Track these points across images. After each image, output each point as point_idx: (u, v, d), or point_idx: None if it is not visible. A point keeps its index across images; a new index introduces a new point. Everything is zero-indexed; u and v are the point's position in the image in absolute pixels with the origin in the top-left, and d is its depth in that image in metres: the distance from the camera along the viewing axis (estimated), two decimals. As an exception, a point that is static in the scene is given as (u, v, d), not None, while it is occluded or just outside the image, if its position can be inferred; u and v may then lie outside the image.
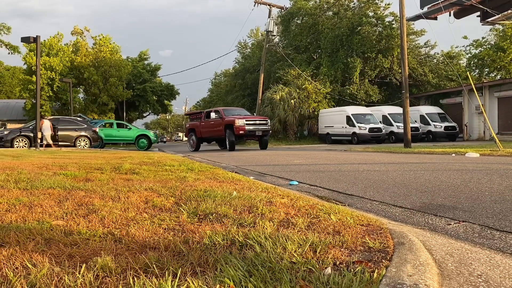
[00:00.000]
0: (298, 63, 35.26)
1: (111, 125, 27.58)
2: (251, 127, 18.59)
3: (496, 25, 30.87)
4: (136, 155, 11.23)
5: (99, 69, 42.10)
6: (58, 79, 38.66)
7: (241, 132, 18.21)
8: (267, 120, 19.84)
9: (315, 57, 37.74)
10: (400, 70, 28.75)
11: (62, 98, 40.09)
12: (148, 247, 1.78)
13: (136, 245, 1.81)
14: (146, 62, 51.47)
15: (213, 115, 19.85)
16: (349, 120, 27.28)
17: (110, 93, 41.94)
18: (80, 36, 45.09)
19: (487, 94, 26.68)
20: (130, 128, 27.01)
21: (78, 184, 4.12)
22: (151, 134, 26.95)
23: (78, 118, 26.11)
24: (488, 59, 34.33)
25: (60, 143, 21.96)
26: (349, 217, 2.36)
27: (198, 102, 76.28)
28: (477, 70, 36.47)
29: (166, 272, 1.44)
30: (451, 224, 2.78)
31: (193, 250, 1.68)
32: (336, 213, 2.53)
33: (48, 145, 20.69)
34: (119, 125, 27.63)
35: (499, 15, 25.56)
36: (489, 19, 25.96)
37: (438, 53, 35.35)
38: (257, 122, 19.17)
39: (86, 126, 23.68)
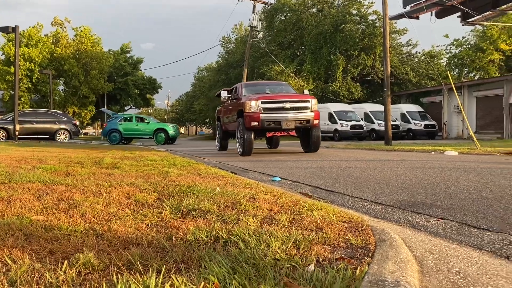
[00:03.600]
0: (282, 59, 35.32)
1: (130, 119, 26.86)
2: (272, 115, 9.99)
3: (476, 25, 31.43)
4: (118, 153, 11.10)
5: (80, 61, 41.42)
6: (38, 70, 37.91)
7: (253, 123, 9.92)
8: (307, 101, 10.42)
9: (298, 53, 37.87)
10: (382, 68, 29.06)
11: (41, 90, 39.33)
12: (131, 243, 1.77)
13: (119, 241, 1.79)
14: (128, 55, 50.83)
15: (226, 94, 12.21)
16: (331, 117, 27.50)
17: (91, 85, 41.32)
18: (61, 27, 44.25)
19: (466, 93, 27.21)
20: (148, 122, 26.37)
21: (58, 178, 4.06)
22: (169, 127, 25.88)
23: (56, 112, 25.62)
24: (467, 59, 35.03)
25: (39, 136, 21.54)
26: (331, 214, 2.38)
27: (180, 96, 75.80)
28: (457, 70, 37.19)
29: (150, 269, 1.43)
30: (430, 221, 2.84)
31: (177, 247, 1.67)
32: (318, 209, 2.56)
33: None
34: (138, 119, 26.96)
35: (479, 16, 26.01)
36: (469, 20, 26.41)
37: (419, 52, 35.91)
38: (286, 104, 10.09)
39: (66, 119, 23.28)
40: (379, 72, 32.29)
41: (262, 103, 9.95)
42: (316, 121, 10.28)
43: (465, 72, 37.09)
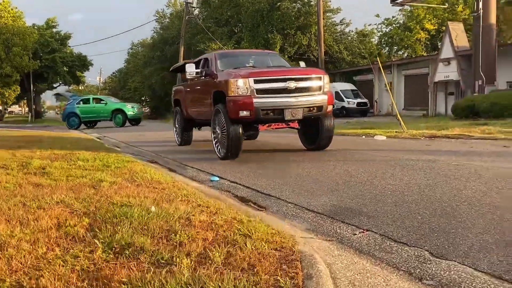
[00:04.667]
0: (219, 37, 34.82)
1: (87, 101, 25.04)
2: (270, 99, 6.82)
3: (405, 6, 32.81)
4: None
5: (0, 37, 38.16)
6: (-50, 47, 34.55)
7: (242, 113, 6.69)
8: (319, 78, 7.21)
9: (236, 31, 37.50)
10: (317, 47, 29.68)
11: (-44, 70, 36.00)
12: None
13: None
14: (54, 30, 47.54)
15: (193, 69, 8.21)
16: (338, 96, 27.94)
17: (13, 63, 38.38)
18: (-25, -1, 40.37)
19: (396, 72, 28.58)
20: (106, 103, 24.69)
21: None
22: (127, 108, 24.26)
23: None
24: (397, 38, 36.63)
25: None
26: (263, 242, 2.47)
27: (114, 73, 72.49)
28: (387, 48, 38.82)
29: None
30: (356, 234, 3.04)
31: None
32: (252, 234, 2.64)
33: None
34: (96, 100, 25.04)
35: (405, -2, 27.34)
36: (398, 1, 27.60)
37: (352, 31, 36.95)
38: (290, 84, 6.79)
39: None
40: (314, 51, 32.87)
41: (255, 82, 6.61)
42: (330, 107, 7.19)
43: (395, 50, 38.81)
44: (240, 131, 6.80)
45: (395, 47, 38.24)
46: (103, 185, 4.36)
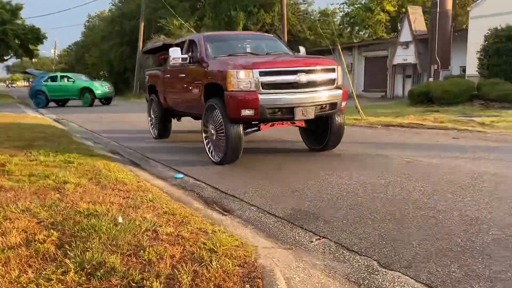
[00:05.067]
0: (181, 12, 34.03)
1: (55, 78, 23.80)
2: (279, 96, 5.73)
3: (366, -13, 33.17)
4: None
5: None
6: None
7: (245, 112, 5.63)
8: (332, 70, 6.22)
9: (198, 6, 36.76)
10: (281, 26, 29.67)
11: None
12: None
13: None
14: (5, 0, 44.78)
15: (179, 54, 7.17)
16: None
17: (-40, 35, 36.03)
18: None
19: (356, 53, 29.10)
20: (74, 81, 23.53)
21: None
22: (95, 86, 23.27)
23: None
24: (358, 18, 37.10)
25: None
26: (228, 259, 2.66)
27: (70, 46, 69.55)
28: (349, 28, 39.26)
29: None
30: (313, 241, 3.29)
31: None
32: (217, 248, 2.83)
33: None
34: (64, 78, 23.88)
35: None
36: (360, -18, 27.90)
37: (315, 11, 37.10)
38: (302, 77, 5.79)
39: None
40: (278, 30, 32.82)
41: (261, 74, 5.62)
42: (344, 104, 6.39)
43: (357, 30, 39.35)
44: (241, 133, 5.87)
45: (357, 28, 38.74)
46: (67, 187, 4.40)
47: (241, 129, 5.89)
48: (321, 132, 6.76)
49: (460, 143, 7.57)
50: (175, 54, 7.07)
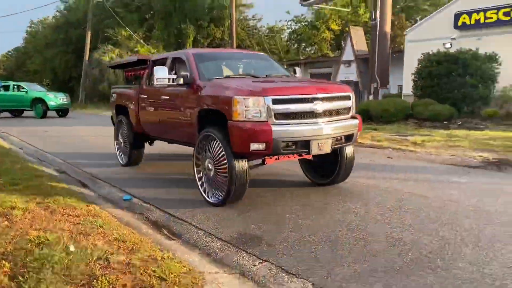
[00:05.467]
0: (130, 23, 33.71)
1: (7, 87, 22.54)
2: (294, 127, 4.93)
3: (313, 6, 34.57)
4: None
5: None
6: None
7: (255, 145, 4.79)
8: (347, 97, 5.58)
9: (147, 17, 36.54)
10: (230, 41, 30.18)
11: None
12: None
13: None
14: None
15: (166, 74, 6.08)
16: None
17: None
18: None
19: (303, 69, 30.13)
20: (26, 91, 22.31)
21: None
22: (48, 97, 22.13)
23: None
24: (305, 36, 38.46)
25: None
26: (177, 287, 2.90)
27: (9, 51, 66.21)
28: (296, 45, 40.55)
29: None
30: (256, 265, 3.59)
31: None
32: (167, 276, 3.05)
33: None
34: (17, 88, 22.72)
35: (313, 0, 28.85)
36: (306, 2, 29.09)
37: (264, 26, 38.04)
38: (318, 105, 5.08)
39: None
40: (227, 44, 33.35)
41: (274, 102, 4.88)
42: (358, 134, 5.76)
43: (303, 46, 40.71)
44: (247, 169, 5.09)
45: (304, 44, 40.09)
46: (15, 214, 4.43)
47: (247, 166, 5.07)
48: (328, 164, 6.03)
49: (393, 163, 8.23)
50: (161, 74, 6.00)
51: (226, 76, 6.19)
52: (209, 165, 5.36)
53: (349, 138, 5.52)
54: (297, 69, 7.38)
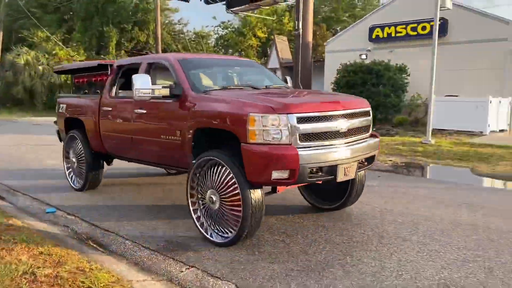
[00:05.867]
0: (47, 24, 31.98)
1: None
2: (321, 150, 4.15)
3: (239, 13, 35.23)
4: None
5: None
6: None
7: (276, 173, 3.92)
8: (367, 113, 4.88)
9: (66, 19, 34.88)
10: (155, 45, 29.79)
11: None
12: None
13: None
14: None
15: (148, 84, 4.84)
16: None
17: None
18: None
19: (230, 76, 30.58)
20: None
21: None
22: None
23: None
24: (232, 42, 39.02)
25: None
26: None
27: None
28: (223, 50, 40.96)
29: None
30: (183, 271, 3.79)
31: None
32: (96, 286, 3.16)
33: None
34: None
35: (241, 7, 29.38)
36: (232, 9, 29.60)
37: (190, 31, 38.01)
38: (341, 123, 4.33)
39: None
40: (152, 48, 32.84)
41: (299, 120, 4.07)
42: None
43: (230, 52, 41.23)
44: (263, 199, 4.21)
45: (231, 50, 40.62)
46: None
47: (262, 195, 4.23)
48: (333, 186, 5.29)
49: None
50: (143, 84, 4.82)
51: (222, 88, 5.26)
52: (212, 196, 4.37)
53: (371, 160, 4.89)
54: (288, 79, 6.49)
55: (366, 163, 4.83)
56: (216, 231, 4.42)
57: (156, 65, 5.66)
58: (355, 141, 4.57)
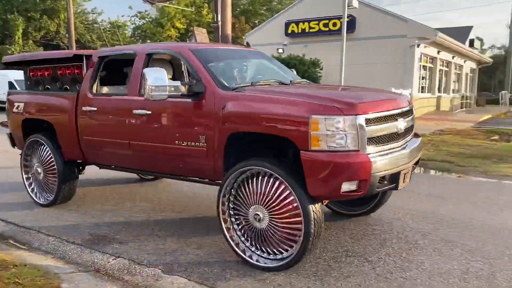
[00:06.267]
0: None
1: None
2: (388, 155, 3.62)
3: (156, 3, 34.49)
4: None
5: None
6: None
7: (346, 186, 3.35)
8: (412, 111, 4.34)
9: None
10: (67, 34, 28.23)
11: None
12: None
13: None
14: None
15: (159, 77, 3.97)
16: (12, 87, 24.95)
17: None
18: None
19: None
20: None
21: None
22: None
23: None
24: (149, 32, 38.16)
25: None
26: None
27: None
28: (140, 41, 39.92)
29: None
30: (110, 262, 3.95)
31: None
32: (24, 280, 3.24)
33: None
34: None
35: (157, -2, 28.94)
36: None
37: (105, 21, 36.49)
38: (400, 122, 3.86)
39: None
40: (64, 38, 31.16)
41: (367, 122, 3.48)
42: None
43: (148, 43, 40.32)
44: (322, 211, 3.65)
45: (148, 41, 39.71)
46: None
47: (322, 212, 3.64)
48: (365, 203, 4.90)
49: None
50: (157, 80, 4.02)
51: (251, 83, 4.40)
52: (258, 213, 3.73)
53: (418, 162, 4.36)
54: (293, 72, 5.87)
55: (416, 167, 4.37)
56: (264, 255, 3.79)
57: (158, 57, 4.85)
58: (407, 142, 4.13)
